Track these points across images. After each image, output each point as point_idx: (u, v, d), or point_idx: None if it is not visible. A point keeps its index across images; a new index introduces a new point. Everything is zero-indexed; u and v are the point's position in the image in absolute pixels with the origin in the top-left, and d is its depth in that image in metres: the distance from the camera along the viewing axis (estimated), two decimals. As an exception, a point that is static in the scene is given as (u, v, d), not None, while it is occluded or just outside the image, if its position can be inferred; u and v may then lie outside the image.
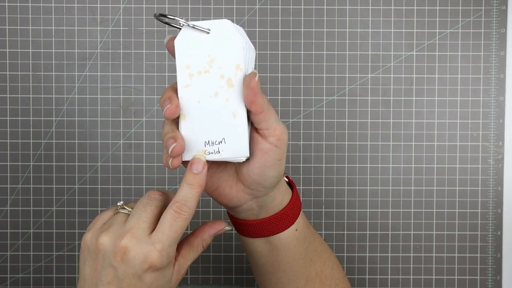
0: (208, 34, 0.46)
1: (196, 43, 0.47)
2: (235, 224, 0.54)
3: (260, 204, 0.51)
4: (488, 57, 0.73)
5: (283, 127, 0.48)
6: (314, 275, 0.55)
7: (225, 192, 0.51)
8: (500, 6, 0.73)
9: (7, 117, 0.73)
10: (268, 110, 0.47)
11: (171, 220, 0.45)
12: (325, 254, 0.57)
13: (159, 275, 0.46)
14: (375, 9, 0.73)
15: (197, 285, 0.75)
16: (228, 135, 0.47)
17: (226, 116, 0.47)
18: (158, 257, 0.45)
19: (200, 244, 0.50)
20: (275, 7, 0.73)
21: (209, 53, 0.47)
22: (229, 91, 0.47)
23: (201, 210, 0.74)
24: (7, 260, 0.74)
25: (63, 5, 0.73)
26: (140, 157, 0.73)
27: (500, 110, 0.73)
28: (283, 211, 0.52)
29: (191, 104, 0.47)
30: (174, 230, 0.45)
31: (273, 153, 0.48)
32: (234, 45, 0.46)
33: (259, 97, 0.46)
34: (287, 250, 0.54)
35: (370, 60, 0.73)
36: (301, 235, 0.54)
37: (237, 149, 0.47)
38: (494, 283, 0.74)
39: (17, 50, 0.73)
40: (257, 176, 0.49)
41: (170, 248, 0.46)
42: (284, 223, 0.53)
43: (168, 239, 0.45)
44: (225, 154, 0.48)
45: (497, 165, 0.74)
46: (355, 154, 0.74)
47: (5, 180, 0.73)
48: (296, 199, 0.54)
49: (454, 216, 0.74)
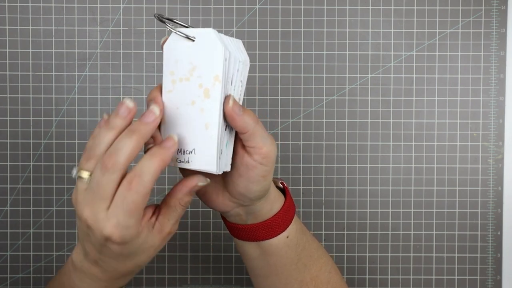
0: (193, 41, 0.46)
1: (182, 49, 0.46)
2: (226, 226, 0.54)
3: (248, 211, 0.51)
4: (488, 57, 0.73)
5: (270, 145, 0.47)
6: (308, 279, 0.55)
7: (212, 198, 0.51)
8: (500, 6, 0.73)
9: (7, 117, 0.73)
10: (254, 129, 0.46)
11: (124, 193, 0.43)
12: (322, 260, 0.56)
13: (126, 246, 0.45)
14: (375, 9, 0.73)
15: (197, 285, 0.75)
16: (198, 147, 0.46)
17: (199, 127, 0.46)
18: (114, 232, 0.43)
19: (178, 204, 0.47)
20: (275, 7, 0.73)
21: (191, 61, 0.46)
22: (205, 102, 0.46)
23: (201, 210, 0.74)
24: (7, 260, 0.74)
25: (63, 5, 0.73)
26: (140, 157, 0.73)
27: (500, 110, 0.73)
28: (272, 219, 0.52)
29: (171, 110, 0.47)
30: (127, 203, 0.43)
31: (258, 170, 0.48)
32: (215, 55, 0.45)
33: (240, 119, 0.45)
34: (278, 256, 0.53)
35: (370, 60, 0.73)
36: (292, 242, 0.54)
37: (205, 162, 0.46)
38: (494, 283, 0.74)
39: (17, 50, 0.73)
40: (241, 189, 0.49)
41: (129, 221, 0.43)
42: (274, 230, 0.52)
43: (122, 212, 0.43)
44: (193, 165, 0.47)
45: (497, 165, 0.74)
46: (355, 154, 0.74)
47: (5, 180, 0.73)
48: (288, 207, 0.53)
49: (454, 216, 0.74)
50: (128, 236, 0.44)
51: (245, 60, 0.48)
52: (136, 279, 0.74)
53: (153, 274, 0.74)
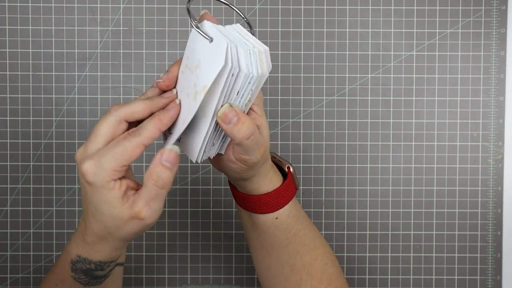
0: (210, 42, 0.46)
1: (199, 42, 0.47)
2: (229, 186, 0.57)
3: (236, 182, 0.54)
4: (488, 57, 0.73)
5: (252, 155, 0.49)
6: (300, 265, 0.55)
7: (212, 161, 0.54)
8: (500, 6, 0.73)
9: (7, 117, 0.73)
10: (242, 142, 0.47)
11: (120, 139, 0.45)
12: (318, 250, 0.57)
13: (95, 190, 0.45)
14: (375, 9, 0.73)
15: (197, 285, 0.75)
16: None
17: (188, 118, 0.48)
18: (88, 166, 0.45)
19: (149, 178, 0.45)
20: (275, 7, 0.73)
21: (199, 58, 0.46)
22: (192, 101, 0.47)
23: (201, 210, 0.74)
24: (7, 260, 0.74)
25: (63, 5, 0.73)
26: (140, 157, 0.73)
27: (500, 110, 0.73)
28: (261, 196, 0.53)
29: (178, 87, 0.49)
30: (116, 148, 0.44)
31: (236, 166, 0.50)
32: (215, 66, 0.45)
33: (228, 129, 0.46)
34: (266, 233, 0.55)
35: (370, 60, 0.73)
36: (282, 224, 0.55)
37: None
38: (494, 283, 0.74)
39: (17, 50, 0.73)
40: (226, 168, 0.52)
41: (107, 164, 0.44)
42: (261, 207, 0.54)
43: (109, 155, 0.44)
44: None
45: (497, 165, 0.74)
46: (355, 154, 0.74)
47: (5, 180, 0.73)
48: (283, 191, 0.54)
49: (454, 216, 0.74)
50: (98, 178, 0.44)
51: (263, 73, 0.47)
52: (136, 279, 0.74)
53: (153, 274, 0.74)
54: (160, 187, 0.45)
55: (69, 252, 0.51)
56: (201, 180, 0.74)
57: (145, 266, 0.74)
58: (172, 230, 0.74)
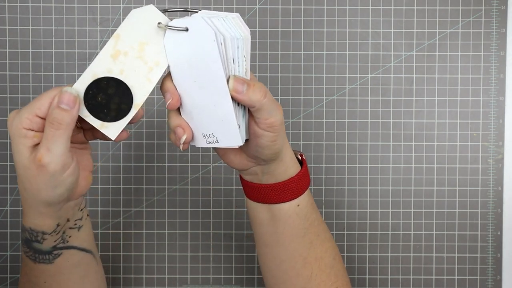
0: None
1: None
2: (243, 185, 0.56)
3: (264, 170, 0.54)
4: (488, 57, 0.73)
5: (276, 116, 0.49)
6: (313, 259, 0.56)
7: (231, 158, 0.54)
8: (500, 6, 0.73)
9: (7, 117, 0.73)
10: (260, 104, 0.48)
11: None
12: (328, 243, 0.58)
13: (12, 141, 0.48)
14: (375, 9, 0.73)
15: (197, 285, 0.75)
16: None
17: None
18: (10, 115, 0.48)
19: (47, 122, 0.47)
20: (275, 7, 0.73)
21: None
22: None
23: (201, 210, 0.74)
24: (7, 260, 0.74)
25: (63, 5, 0.73)
26: (140, 157, 0.73)
27: (500, 110, 0.73)
28: (286, 182, 0.54)
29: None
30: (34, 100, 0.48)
31: (265, 137, 0.50)
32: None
33: (245, 97, 0.48)
34: (286, 223, 0.55)
35: (370, 60, 0.73)
36: (302, 212, 0.55)
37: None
38: (494, 283, 0.74)
39: (17, 50, 0.73)
40: (254, 152, 0.52)
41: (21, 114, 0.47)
42: (286, 194, 0.54)
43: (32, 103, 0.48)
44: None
45: (497, 165, 0.74)
46: (355, 154, 0.74)
47: (5, 180, 0.73)
48: (303, 176, 0.55)
49: (454, 216, 0.74)
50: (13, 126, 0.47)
51: (245, 35, 0.49)
52: (136, 279, 0.74)
53: (153, 274, 0.74)
54: (56, 128, 0.46)
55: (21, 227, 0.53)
56: (201, 180, 0.74)
57: (145, 266, 0.74)
58: (172, 230, 0.74)
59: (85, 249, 0.55)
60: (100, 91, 0.49)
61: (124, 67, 0.49)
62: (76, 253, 0.54)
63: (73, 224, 0.53)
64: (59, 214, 0.51)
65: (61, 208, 0.50)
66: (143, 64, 0.49)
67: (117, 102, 0.49)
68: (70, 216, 0.52)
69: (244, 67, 0.49)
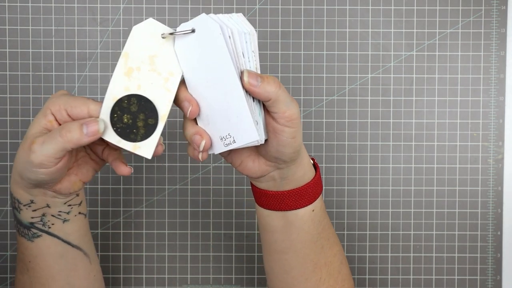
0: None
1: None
2: (256, 194, 0.56)
3: (282, 175, 0.53)
4: (488, 57, 0.73)
5: (293, 108, 0.49)
6: (323, 263, 0.56)
7: (249, 165, 0.53)
8: (500, 6, 0.73)
9: (7, 117, 0.73)
10: (276, 96, 0.48)
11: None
12: (336, 247, 0.58)
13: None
14: (375, 9, 0.73)
15: (197, 285, 0.75)
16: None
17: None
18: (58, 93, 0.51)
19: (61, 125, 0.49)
20: (275, 7, 0.73)
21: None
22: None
23: (201, 210, 0.74)
24: (7, 260, 0.74)
25: (63, 5, 0.73)
26: (140, 157, 0.73)
27: (500, 110, 0.73)
28: (304, 186, 0.54)
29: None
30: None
31: (285, 133, 0.49)
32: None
33: (260, 89, 0.47)
34: (301, 229, 0.55)
35: (370, 60, 0.73)
36: (316, 217, 0.55)
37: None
38: (494, 283, 0.74)
39: (17, 50, 0.73)
40: (274, 153, 0.51)
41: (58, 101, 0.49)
42: (303, 199, 0.54)
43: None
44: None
45: (497, 165, 0.74)
46: (355, 154, 0.74)
47: (5, 180, 0.73)
48: (318, 180, 0.55)
49: (454, 216, 0.74)
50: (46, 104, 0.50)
51: (251, 30, 0.49)
52: (136, 279, 0.74)
53: (153, 274, 0.74)
54: (60, 135, 0.47)
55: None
56: (201, 180, 0.74)
57: (145, 266, 0.74)
58: (172, 230, 0.74)
59: (71, 243, 0.56)
60: (124, 112, 0.49)
61: (140, 82, 0.49)
62: (59, 243, 0.55)
63: (56, 213, 0.54)
64: (32, 192, 0.52)
65: (30, 188, 0.51)
66: (157, 76, 0.49)
67: (143, 119, 0.49)
68: (49, 203, 0.53)
69: (254, 62, 0.49)
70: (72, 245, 0.56)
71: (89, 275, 0.58)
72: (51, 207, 0.53)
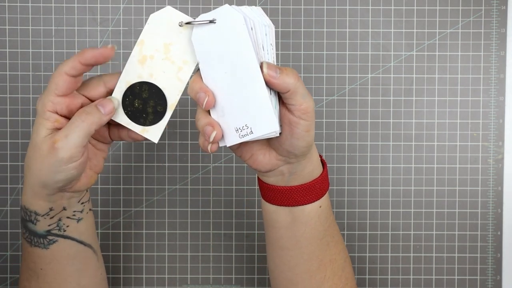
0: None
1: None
2: (264, 189, 0.56)
3: (291, 170, 0.53)
4: (488, 57, 0.73)
5: (309, 101, 0.50)
6: (327, 261, 0.56)
7: (259, 159, 0.53)
8: (500, 6, 0.73)
9: (7, 117, 0.73)
10: (295, 87, 0.48)
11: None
12: (340, 245, 0.58)
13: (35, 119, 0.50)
14: (375, 9, 0.73)
15: (197, 285, 0.75)
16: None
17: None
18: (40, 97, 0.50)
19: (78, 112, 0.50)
20: (275, 7, 0.73)
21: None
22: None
23: (201, 210, 0.74)
24: (7, 260, 0.74)
25: (63, 5, 0.73)
26: (140, 157, 0.73)
27: (500, 110, 0.73)
28: (312, 182, 0.54)
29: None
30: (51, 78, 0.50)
31: (300, 126, 0.50)
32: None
33: (279, 81, 0.48)
34: (307, 225, 0.55)
35: (370, 60, 0.73)
36: (323, 213, 0.55)
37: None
38: (494, 283, 0.74)
39: (17, 50, 0.73)
40: (287, 146, 0.51)
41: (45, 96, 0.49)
42: (311, 195, 0.54)
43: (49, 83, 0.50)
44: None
45: (497, 165, 0.74)
46: (355, 154, 0.74)
47: (5, 180, 0.73)
48: (325, 176, 0.56)
49: (454, 216, 0.74)
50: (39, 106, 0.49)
51: (270, 23, 0.49)
52: (136, 279, 0.74)
53: (153, 274, 0.74)
54: (82, 120, 0.48)
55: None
56: (201, 180, 0.74)
57: (145, 266, 0.74)
58: (172, 230, 0.74)
59: (84, 242, 0.56)
60: (135, 97, 0.50)
61: (152, 70, 0.50)
62: (74, 245, 0.55)
63: (71, 215, 0.54)
64: (53, 199, 0.51)
65: (54, 194, 0.51)
66: (170, 64, 0.50)
67: (152, 105, 0.51)
68: (66, 205, 0.53)
69: (272, 55, 0.49)
70: (85, 244, 0.56)
71: (97, 273, 0.58)
72: (67, 209, 0.53)
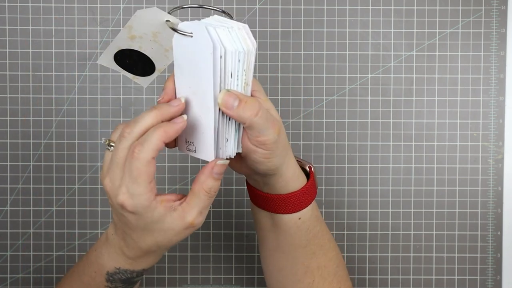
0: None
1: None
2: (247, 188, 0.56)
3: (264, 181, 0.53)
4: (488, 57, 0.73)
5: (268, 134, 0.48)
6: (315, 267, 0.56)
7: (232, 163, 0.53)
8: (500, 6, 0.73)
9: (7, 117, 0.73)
10: (251, 122, 0.47)
11: (129, 159, 0.45)
12: (332, 252, 0.57)
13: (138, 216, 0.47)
14: (375, 9, 0.73)
15: (197, 285, 0.75)
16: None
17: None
18: (125, 199, 0.46)
19: (201, 189, 0.47)
20: (275, 7, 0.73)
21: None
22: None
23: (201, 210, 0.74)
24: (7, 260, 0.74)
25: (63, 5, 0.73)
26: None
27: (500, 110, 0.73)
28: (287, 196, 0.53)
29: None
30: (130, 170, 0.45)
31: (258, 154, 0.49)
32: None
33: (234, 113, 0.46)
34: (287, 234, 0.55)
35: (370, 60, 0.73)
36: (304, 225, 0.54)
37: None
38: (494, 283, 0.74)
39: (17, 50, 0.73)
40: (249, 165, 0.51)
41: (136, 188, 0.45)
42: (286, 207, 0.53)
43: (129, 179, 0.45)
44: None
45: (497, 165, 0.74)
46: (355, 154, 0.74)
47: (5, 180, 0.73)
48: (308, 191, 0.54)
49: (454, 216, 0.74)
50: (139, 205, 0.46)
51: (249, 48, 0.47)
52: (136, 279, 0.74)
53: (153, 274, 0.74)
54: (212, 196, 0.48)
55: (103, 265, 0.52)
56: (201, 180, 0.74)
57: (145, 266, 0.74)
58: (172, 230, 0.74)
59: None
60: (126, 57, 0.52)
61: (141, 45, 0.51)
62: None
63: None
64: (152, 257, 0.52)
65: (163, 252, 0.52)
66: (158, 46, 0.51)
67: (141, 67, 0.53)
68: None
69: (244, 81, 0.48)
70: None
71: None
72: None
